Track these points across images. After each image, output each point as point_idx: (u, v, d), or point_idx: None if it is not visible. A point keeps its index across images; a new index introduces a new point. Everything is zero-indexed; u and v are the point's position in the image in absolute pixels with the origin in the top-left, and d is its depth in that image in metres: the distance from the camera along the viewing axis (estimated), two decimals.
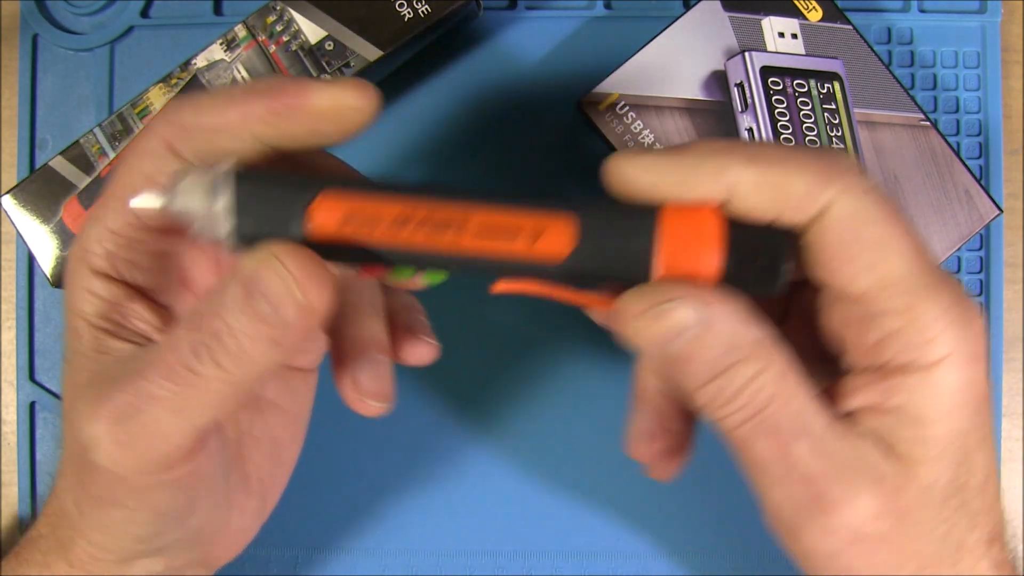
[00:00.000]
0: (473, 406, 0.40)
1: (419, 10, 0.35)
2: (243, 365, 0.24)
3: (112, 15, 0.40)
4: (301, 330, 0.24)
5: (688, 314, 0.23)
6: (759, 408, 0.23)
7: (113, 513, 0.26)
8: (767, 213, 0.24)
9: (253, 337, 0.24)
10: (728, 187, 0.24)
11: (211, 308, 0.24)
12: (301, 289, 0.23)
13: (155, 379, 0.24)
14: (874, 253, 0.23)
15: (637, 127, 0.36)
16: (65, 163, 0.36)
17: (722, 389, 0.23)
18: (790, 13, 0.36)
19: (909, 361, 0.24)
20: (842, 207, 0.23)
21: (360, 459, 0.39)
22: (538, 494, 0.39)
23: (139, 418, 0.24)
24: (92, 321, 0.26)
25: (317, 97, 0.24)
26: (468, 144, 0.40)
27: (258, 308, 0.24)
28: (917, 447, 0.24)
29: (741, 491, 0.39)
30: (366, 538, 0.39)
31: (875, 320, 0.24)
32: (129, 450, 0.24)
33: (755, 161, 0.23)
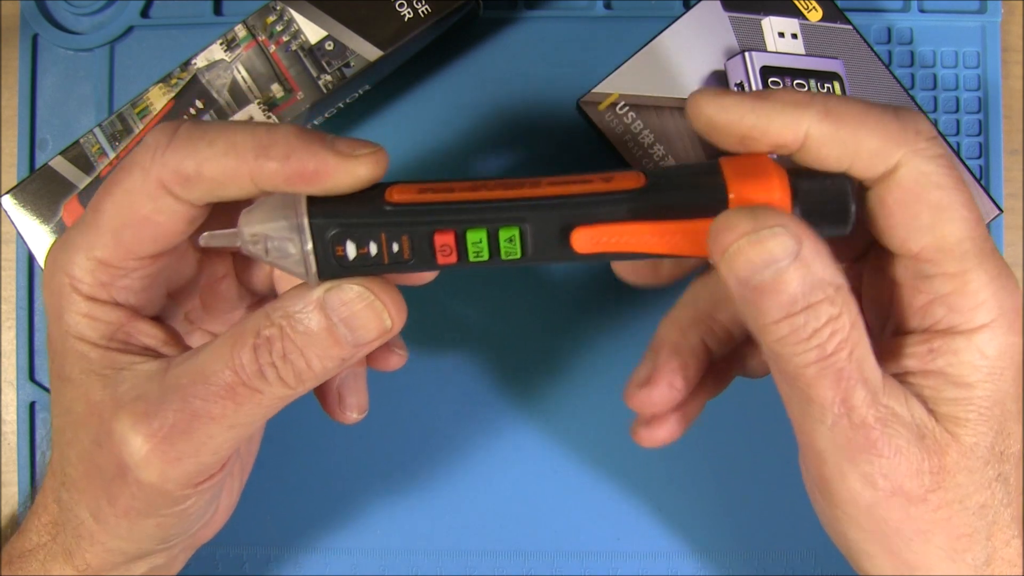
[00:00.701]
0: (473, 406, 0.40)
1: (419, 10, 0.35)
2: (307, 382, 0.25)
3: (112, 15, 0.40)
4: (374, 347, 0.26)
5: (787, 244, 0.23)
6: (831, 351, 0.24)
7: (145, 522, 0.26)
8: (838, 165, 0.25)
9: (324, 358, 0.25)
10: (802, 136, 0.24)
11: (280, 329, 0.25)
12: (391, 315, 0.25)
13: (212, 399, 0.24)
14: (935, 215, 0.24)
15: (637, 127, 0.36)
16: (65, 163, 0.36)
17: (800, 327, 0.24)
18: (790, 13, 0.36)
19: (955, 324, 0.25)
20: (910, 168, 0.24)
21: (360, 459, 0.39)
22: (537, 494, 0.39)
23: (192, 436, 0.25)
24: (99, 343, 0.26)
25: (336, 173, 0.24)
26: (468, 144, 0.40)
27: (338, 332, 0.25)
28: (959, 409, 0.25)
29: (740, 492, 0.39)
30: (366, 538, 0.39)
31: (926, 282, 0.25)
32: (178, 466, 0.25)
33: (831, 115, 0.24)
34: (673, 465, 0.39)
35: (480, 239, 0.25)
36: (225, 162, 0.25)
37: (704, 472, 0.39)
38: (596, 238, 0.25)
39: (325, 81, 0.35)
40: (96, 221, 0.26)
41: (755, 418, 0.38)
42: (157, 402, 0.25)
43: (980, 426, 0.25)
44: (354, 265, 0.25)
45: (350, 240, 0.25)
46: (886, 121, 0.25)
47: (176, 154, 0.25)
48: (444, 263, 0.25)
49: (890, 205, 0.25)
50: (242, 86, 0.36)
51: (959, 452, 0.25)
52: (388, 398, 0.39)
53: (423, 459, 0.39)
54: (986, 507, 0.25)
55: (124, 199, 0.26)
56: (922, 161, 0.24)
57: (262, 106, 0.35)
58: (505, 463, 0.39)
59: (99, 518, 0.26)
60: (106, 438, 0.25)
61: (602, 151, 0.37)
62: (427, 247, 0.25)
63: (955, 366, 0.25)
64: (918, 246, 0.25)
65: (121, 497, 0.26)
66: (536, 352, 0.40)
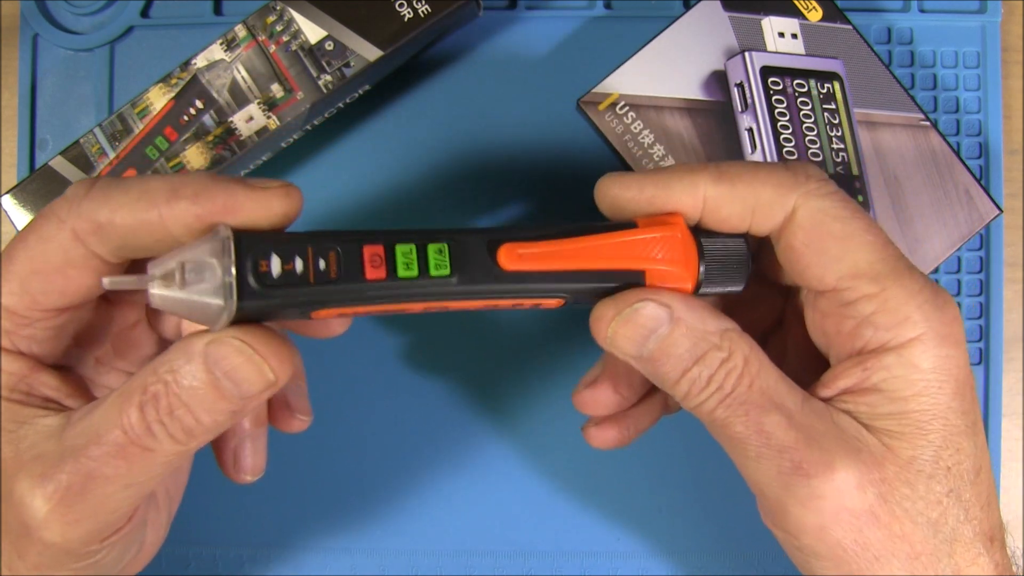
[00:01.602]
0: (473, 406, 0.40)
1: (419, 10, 0.35)
2: (199, 437, 0.25)
3: (112, 15, 0.40)
4: (262, 401, 0.25)
5: (656, 312, 0.25)
6: (731, 389, 0.25)
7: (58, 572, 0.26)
8: (740, 223, 0.26)
9: (213, 411, 0.24)
10: (701, 199, 0.26)
11: (165, 385, 0.24)
12: (272, 368, 0.24)
13: (104, 459, 0.24)
14: (841, 245, 0.25)
15: (637, 127, 0.36)
16: (65, 163, 0.36)
17: (696, 378, 0.25)
18: (790, 13, 0.36)
19: (884, 342, 0.25)
20: (807, 208, 0.26)
21: (360, 459, 0.39)
22: (537, 494, 0.39)
23: (87, 497, 0.24)
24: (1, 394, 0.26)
25: (246, 205, 0.24)
26: (468, 144, 0.40)
27: (221, 386, 0.24)
28: (894, 423, 0.25)
29: (739, 491, 0.39)
30: (366, 538, 0.39)
31: (849, 308, 0.26)
32: (78, 527, 0.24)
33: (724, 176, 0.26)
34: (673, 465, 0.39)
35: (409, 250, 0.25)
36: (137, 207, 0.25)
37: (704, 472, 0.39)
38: (522, 255, 0.26)
39: (325, 81, 0.35)
40: (6, 268, 0.26)
41: None
42: (54, 463, 0.24)
43: (918, 439, 0.25)
44: (277, 285, 0.24)
45: (275, 254, 0.24)
46: (776, 172, 0.26)
47: (92, 203, 0.25)
48: (373, 278, 0.24)
49: (798, 248, 0.26)
50: (242, 86, 0.36)
51: (897, 465, 0.25)
52: (389, 398, 0.39)
53: (423, 459, 0.39)
54: (940, 523, 0.25)
55: (37, 247, 0.25)
56: (816, 200, 0.26)
57: (262, 106, 0.35)
58: (505, 463, 0.39)
59: (12, 569, 0.26)
60: (8, 496, 0.25)
61: (602, 151, 0.37)
62: (355, 260, 0.24)
63: (888, 381, 0.25)
64: (835, 278, 0.26)
65: (29, 554, 0.25)
66: (538, 353, 0.40)
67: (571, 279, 0.26)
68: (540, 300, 0.26)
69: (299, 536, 0.39)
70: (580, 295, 0.26)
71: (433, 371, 0.40)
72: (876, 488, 0.24)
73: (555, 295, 0.26)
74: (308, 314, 0.25)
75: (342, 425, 0.39)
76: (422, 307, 0.26)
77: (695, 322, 0.25)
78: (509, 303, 0.26)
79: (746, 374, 0.25)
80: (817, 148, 0.36)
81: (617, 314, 0.25)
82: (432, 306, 0.26)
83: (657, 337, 0.25)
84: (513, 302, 0.26)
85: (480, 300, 0.26)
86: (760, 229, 0.26)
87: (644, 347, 0.25)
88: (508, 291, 0.26)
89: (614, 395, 0.31)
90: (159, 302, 0.24)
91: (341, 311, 0.25)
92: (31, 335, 0.26)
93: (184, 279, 0.24)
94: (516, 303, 0.26)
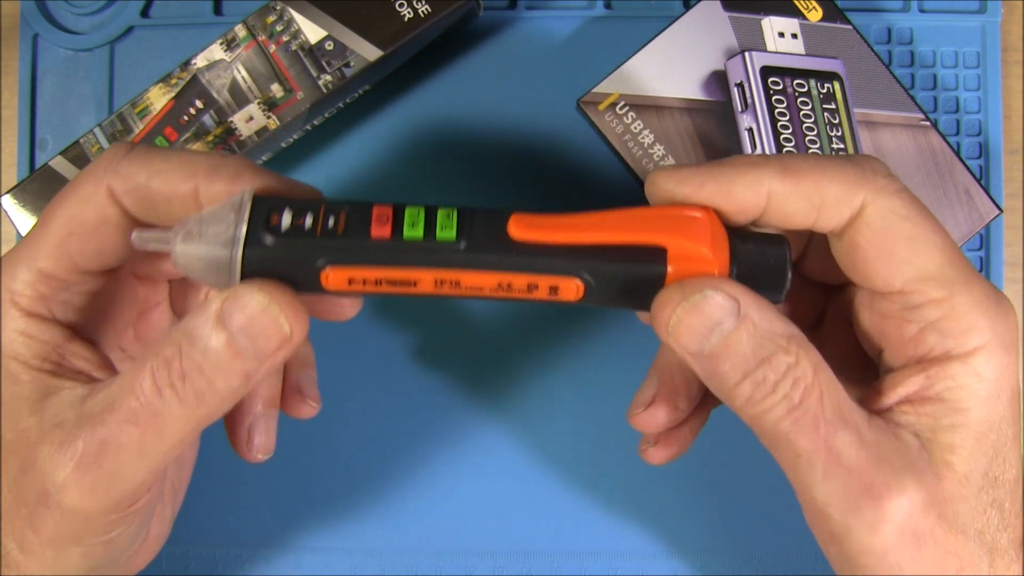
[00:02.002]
0: (473, 406, 0.40)
1: (419, 10, 0.35)
2: (212, 402, 0.24)
3: (112, 15, 0.40)
4: (276, 363, 0.25)
5: (724, 304, 0.23)
6: (799, 399, 0.23)
7: (70, 551, 0.26)
8: (805, 220, 0.25)
9: (226, 374, 0.24)
10: (764, 196, 0.25)
11: (178, 349, 0.24)
12: (288, 320, 0.24)
13: (118, 426, 0.24)
14: (910, 248, 0.24)
15: (637, 127, 0.36)
16: (65, 163, 0.36)
17: (760, 383, 0.24)
18: (790, 13, 0.36)
19: (947, 350, 0.24)
20: (876, 206, 0.24)
21: (360, 459, 0.39)
22: (538, 494, 0.39)
23: (103, 465, 0.24)
24: (32, 363, 0.26)
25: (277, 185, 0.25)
26: (468, 144, 0.40)
27: (236, 344, 0.24)
28: (955, 435, 0.24)
29: (740, 492, 0.39)
30: (367, 538, 0.39)
31: (913, 312, 0.25)
32: (94, 496, 0.24)
33: (789, 171, 0.25)
34: (673, 466, 0.39)
35: (417, 212, 0.25)
36: (176, 176, 0.25)
37: (704, 473, 0.39)
38: (534, 224, 0.25)
39: (325, 81, 0.35)
40: (42, 232, 0.26)
41: None
42: (71, 430, 0.24)
43: (975, 452, 0.24)
44: (285, 236, 0.24)
45: (288, 208, 0.25)
46: (844, 167, 0.25)
47: (131, 165, 0.26)
48: (378, 235, 0.24)
49: (864, 247, 0.25)
50: (242, 86, 0.36)
51: (954, 482, 0.24)
52: (389, 399, 0.39)
53: (423, 459, 0.39)
54: (983, 533, 0.25)
55: (74, 207, 0.26)
56: (886, 197, 0.25)
57: (262, 106, 0.35)
58: (506, 463, 0.39)
59: (25, 548, 0.26)
60: (30, 465, 0.25)
61: (602, 151, 0.37)
62: (363, 219, 0.24)
63: (952, 391, 0.24)
64: (901, 280, 0.25)
65: (46, 525, 0.25)
66: (538, 350, 0.40)
67: (586, 254, 0.24)
68: (554, 280, 0.25)
69: (299, 536, 0.39)
70: (597, 274, 0.25)
71: (433, 371, 0.40)
72: (938, 508, 0.24)
73: (569, 272, 0.25)
74: (317, 277, 0.25)
75: (343, 426, 0.39)
76: (431, 278, 0.25)
77: (763, 321, 0.24)
78: (523, 282, 0.25)
79: (816, 385, 0.23)
80: (817, 148, 0.36)
81: (684, 299, 0.24)
82: (442, 275, 0.25)
83: (721, 331, 0.23)
84: (527, 280, 0.25)
85: (489, 273, 0.25)
86: (824, 226, 0.25)
87: (706, 341, 0.24)
88: (518, 264, 0.24)
89: (674, 411, 0.29)
90: (181, 260, 0.25)
91: (349, 273, 0.25)
92: (67, 300, 0.27)
93: (201, 232, 0.24)
94: (530, 281, 0.25)
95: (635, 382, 0.36)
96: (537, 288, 0.25)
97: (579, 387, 0.39)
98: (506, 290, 0.25)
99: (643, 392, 0.30)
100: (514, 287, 0.25)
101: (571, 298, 0.25)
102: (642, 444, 0.31)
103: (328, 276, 0.25)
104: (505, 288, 0.25)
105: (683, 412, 0.29)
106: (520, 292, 0.25)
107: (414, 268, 0.24)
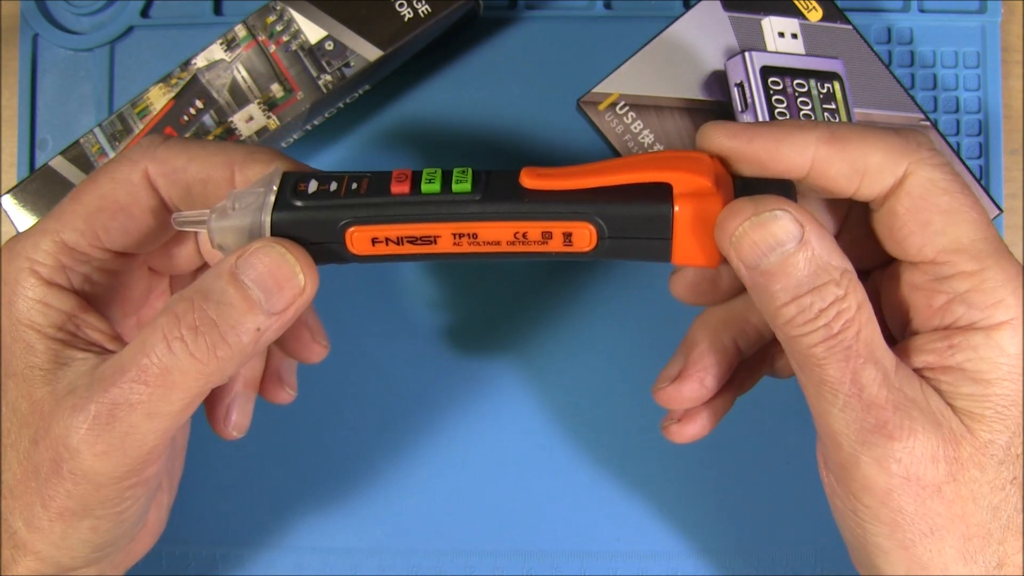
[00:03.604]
0: (473, 406, 0.40)
1: (419, 10, 0.35)
2: (223, 357, 0.25)
3: (112, 15, 0.40)
4: (287, 319, 0.25)
5: (790, 227, 0.24)
6: (838, 330, 0.24)
7: (79, 524, 0.26)
8: (848, 185, 0.26)
9: (238, 328, 0.24)
10: (809, 158, 0.25)
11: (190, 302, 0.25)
12: (303, 271, 0.25)
13: (128, 385, 0.24)
14: (947, 219, 0.25)
15: (637, 127, 0.36)
16: (65, 163, 0.36)
17: (806, 308, 0.24)
18: (790, 13, 0.36)
19: (974, 321, 0.25)
20: (918, 177, 0.25)
21: (360, 459, 0.39)
22: (538, 494, 0.39)
23: (115, 427, 0.24)
24: (47, 332, 0.26)
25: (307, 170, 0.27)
26: (468, 144, 0.40)
27: (250, 296, 0.25)
28: (976, 404, 0.25)
29: (740, 492, 0.39)
30: (367, 538, 0.39)
31: (943, 283, 0.25)
32: (108, 456, 0.25)
33: (835, 136, 0.25)
34: (673, 465, 0.39)
35: (434, 171, 0.26)
36: (214, 161, 0.27)
37: (704, 472, 0.39)
38: (545, 174, 0.26)
39: (325, 81, 0.35)
40: (70, 207, 0.27)
41: (755, 419, 0.38)
42: (84, 395, 0.25)
43: (996, 424, 0.25)
44: (310, 198, 0.26)
45: (314, 178, 0.26)
46: (888, 137, 0.26)
47: (169, 150, 0.27)
48: (397, 192, 0.26)
49: (902, 215, 0.25)
50: (242, 86, 0.36)
51: (973, 447, 0.25)
52: (389, 398, 0.39)
53: (423, 459, 0.39)
54: (999, 509, 0.25)
55: (107, 185, 0.27)
56: (928, 169, 0.25)
57: (262, 106, 0.35)
58: (506, 463, 0.39)
59: (33, 525, 0.26)
60: (44, 434, 0.25)
61: (602, 151, 0.37)
62: (384, 180, 0.26)
63: (974, 362, 0.25)
64: (934, 250, 0.25)
65: (57, 496, 0.25)
66: (538, 351, 0.40)
67: (595, 197, 0.26)
68: (567, 225, 0.26)
69: (299, 536, 0.39)
70: (607, 215, 0.26)
71: (433, 370, 0.40)
72: (949, 465, 0.24)
73: (580, 216, 0.26)
74: (342, 238, 0.26)
75: (343, 426, 0.39)
76: (449, 232, 0.26)
77: (822, 250, 0.24)
78: (537, 231, 0.26)
79: (856, 320, 0.24)
80: None
81: (755, 214, 0.24)
82: (459, 228, 0.26)
83: (782, 252, 0.24)
84: (540, 228, 0.26)
85: (504, 223, 0.26)
86: (866, 193, 0.26)
87: (765, 258, 0.24)
88: (531, 212, 0.26)
89: (700, 388, 0.30)
90: (217, 235, 0.26)
91: (371, 231, 0.26)
92: (86, 273, 0.27)
93: (234, 207, 0.26)
94: (544, 229, 0.26)
95: (634, 382, 0.36)
96: (551, 237, 0.26)
97: (580, 389, 0.39)
98: (522, 241, 0.26)
99: (670, 367, 0.31)
100: (529, 237, 0.26)
101: (585, 247, 0.26)
102: (665, 421, 0.31)
103: (353, 236, 0.26)
104: (521, 239, 0.26)
105: (709, 391, 0.30)
106: (536, 244, 0.26)
107: (433, 223, 0.26)
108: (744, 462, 0.39)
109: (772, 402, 0.32)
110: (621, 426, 0.39)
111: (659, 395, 0.30)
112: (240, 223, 0.26)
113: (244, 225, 0.26)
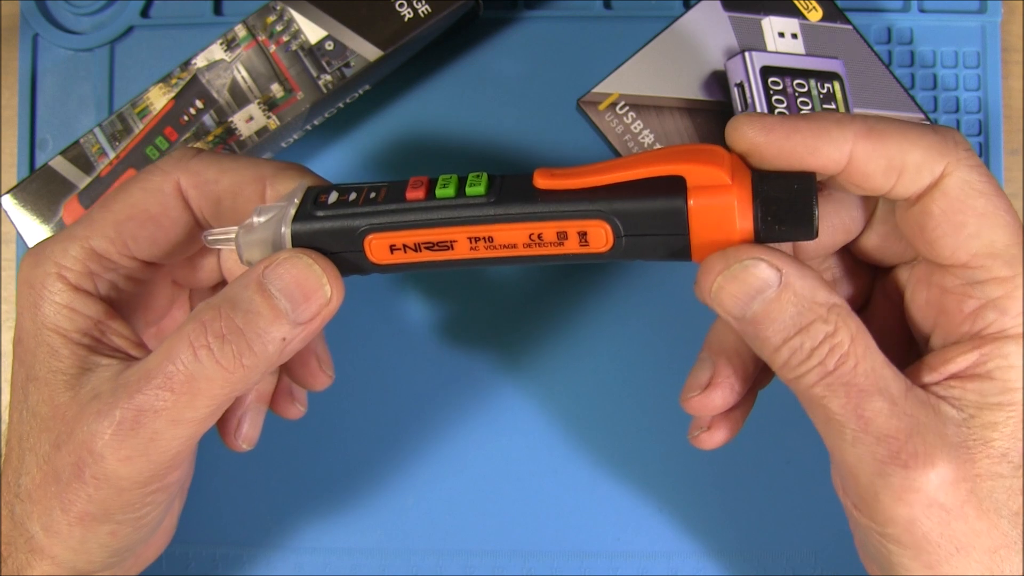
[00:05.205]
0: (473, 406, 0.40)
1: (419, 10, 0.35)
2: (248, 365, 0.25)
3: (112, 15, 0.40)
4: (313, 330, 0.26)
5: (765, 273, 0.24)
6: (833, 367, 0.24)
7: (99, 529, 0.26)
8: (884, 182, 0.25)
9: (264, 337, 0.25)
10: (847, 154, 0.25)
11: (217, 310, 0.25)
12: (329, 282, 0.25)
13: (153, 392, 0.24)
14: (980, 222, 0.25)
15: (637, 127, 0.36)
16: (65, 163, 0.36)
17: (797, 348, 0.24)
18: (790, 13, 0.36)
19: (1005, 328, 0.25)
20: (955, 178, 0.25)
21: (360, 459, 0.39)
22: (538, 494, 0.39)
23: (139, 432, 0.24)
24: (73, 337, 0.26)
25: None
26: (468, 144, 0.40)
27: (277, 305, 0.25)
28: (999, 414, 0.25)
29: (740, 492, 0.39)
30: (367, 538, 0.39)
31: (975, 288, 0.25)
32: (132, 462, 0.25)
33: (873, 132, 0.25)
34: (673, 465, 0.39)
35: (449, 177, 0.27)
36: (247, 173, 0.27)
37: (704, 472, 0.39)
38: (558, 174, 0.26)
39: (325, 81, 0.35)
40: (100, 214, 0.27)
41: (755, 419, 0.38)
42: (108, 400, 0.25)
43: (1016, 431, 0.24)
44: (330, 208, 0.26)
45: (335, 190, 0.27)
46: (926, 134, 0.25)
47: (201, 162, 0.27)
48: (412, 197, 0.26)
49: (937, 216, 0.25)
50: (242, 86, 0.36)
51: (991, 459, 0.24)
52: (389, 398, 0.39)
53: (424, 459, 0.39)
54: (1018, 515, 0.25)
55: (138, 195, 0.27)
56: (966, 170, 0.25)
57: (262, 106, 0.35)
58: (505, 463, 0.39)
59: (51, 529, 0.26)
60: (67, 439, 0.25)
61: (602, 151, 0.37)
62: (401, 188, 0.26)
63: (1003, 370, 0.25)
64: (968, 254, 0.25)
65: (78, 500, 0.25)
66: (538, 352, 0.40)
67: (609, 195, 0.25)
68: (582, 224, 0.25)
69: (299, 536, 0.39)
70: (621, 212, 0.25)
71: (433, 370, 0.40)
72: (969, 483, 0.24)
73: (594, 214, 0.25)
74: (361, 246, 0.26)
75: (344, 427, 0.39)
76: (465, 237, 0.26)
77: (804, 290, 0.24)
78: (552, 232, 0.25)
79: (851, 354, 0.24)
80: None
81: (726, 268, 0.24)
82: (475, 231, 0.26)
83: (763, 299, 0.24)
84: (555, 228, 0.25)
85: (519, 224, 0.26)
86: (902, 191, 0.25)
87: (748, 308, 0.24)
88: (544, 212, 0.25)
89: (731, 394, 0.29)
90: (245, 250, 0.27)
91: (389, 239, 0.26)
92: (113, 281, 0.27)
93: (259, 221, 0.27)
94: (559, 229, 0.25)
95: (634, 383, 0.36)
96: (567, 237, 0.26)
97: (581, 390, 0.39)
98: (538, 243, 0.26)
99: (698, 375, 0.29)
100: (544, 238, 0.26)
101: (602, 247, 0.26)
102: (693, 430, 0.31)
103: (371, 244, 0.26)
104: (536, 241, 0.26)
105: (738, 394, 0.29)
106: (552, 245, 0.26)
107: (448, 227, 0.26)
108: (744, 462, 0.39)
109: (772, 402, 0.31)
110: (621, 426, 0.39)
111: (689, 404, 0.29)
112: (263, 236, 0.26)
113: (267, 237, 0.26)
